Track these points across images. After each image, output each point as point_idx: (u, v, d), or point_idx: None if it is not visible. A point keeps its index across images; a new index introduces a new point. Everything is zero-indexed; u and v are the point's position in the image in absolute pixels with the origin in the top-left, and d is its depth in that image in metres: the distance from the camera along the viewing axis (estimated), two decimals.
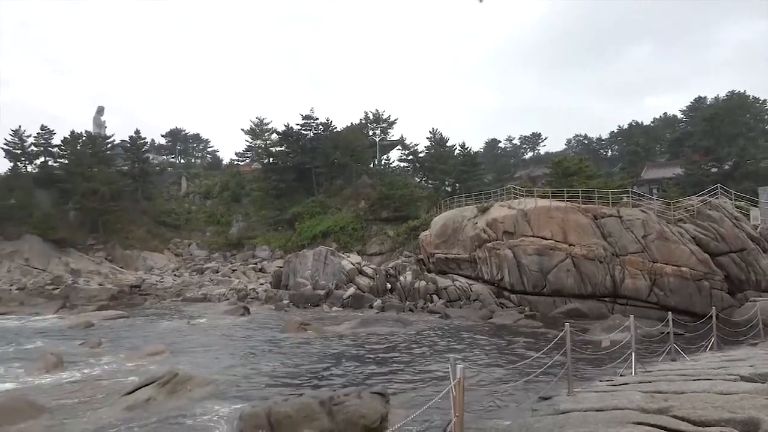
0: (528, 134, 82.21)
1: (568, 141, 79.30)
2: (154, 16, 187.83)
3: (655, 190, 43.73)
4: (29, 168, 54.60)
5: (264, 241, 49.42)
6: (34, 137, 53.63)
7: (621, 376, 9.68)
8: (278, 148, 57.84)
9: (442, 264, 31.76)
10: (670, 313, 12.08)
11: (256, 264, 45.54)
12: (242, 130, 63.19)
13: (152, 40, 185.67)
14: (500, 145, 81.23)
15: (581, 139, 76.42)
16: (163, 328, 21.95)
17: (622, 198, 28.18)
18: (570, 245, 25.44)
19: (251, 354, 15.73)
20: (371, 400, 8.46)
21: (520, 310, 25.46)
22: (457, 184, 49.76)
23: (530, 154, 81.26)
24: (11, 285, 39.65)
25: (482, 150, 73.38)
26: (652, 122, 70.28)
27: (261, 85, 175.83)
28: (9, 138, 52.76)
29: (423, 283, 29.36)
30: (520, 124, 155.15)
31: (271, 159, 57.68)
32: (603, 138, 73.50)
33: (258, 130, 61.75)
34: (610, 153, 72.06)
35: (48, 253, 44.90)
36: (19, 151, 53.42)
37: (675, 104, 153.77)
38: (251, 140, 63.66)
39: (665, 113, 71.75)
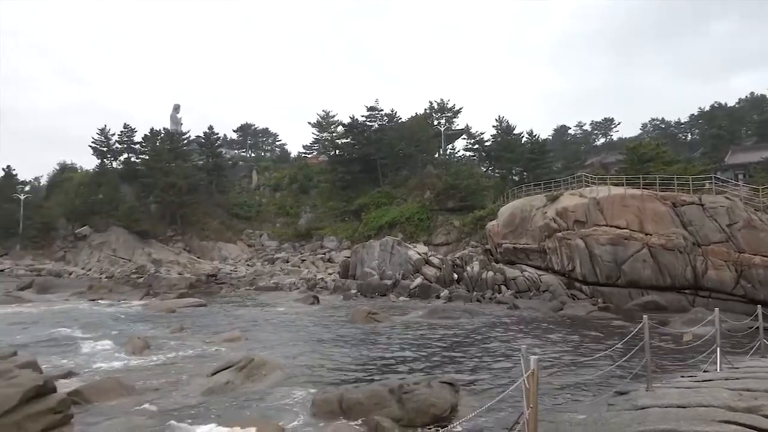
0: (600, 119, 78.81)
1: (644, 125, 75.50)
2: (223, 17, 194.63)
3: (740, 176, 40.92)
4: (114, 164, 58.21)
5: (331, 231, 50.45)
6: (118, 135, 57.11)
7: (704, 372, 9.20)
8: (344, 140, 58.65)
9: (510, 254, 31.23)
10: (759, 306, 11.33)
11: (324, 254, 46.57)
12: (309, 123, 64.62)
13: (222, 40, 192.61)
14: (570, 131, 78.48)
15: (658, 123, 72.57)
16: (239, 316, 22.91)
17: (704, 184, 26.61)
18: (647, 234, 24.33)
19: (321, 341, 16.14)
20: (441, 389, 8.49)
21: (593, 301, 24.68)
22: (524, 173, 48.64)
23: (602, 140, 77.81)
24: (101, 273, 42.77)
25: (551, 137, 71.09)
26: (737, 103, 65.70)
27: (327, 78, 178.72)
28: (96, 137, 56.51)
29: (491, 273, 29.01)
30: (591, 109, 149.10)
31: (337, 151, 58.60)
32: (682, 121, 69.49)
33: (324, 123, 62.82)
34: (690, 137, 68.04)
35: (132, 244, 47.98)
36: (105, 149, 57.18)
37: (764, 83, 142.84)
38: (318, 133, 64.88)
39: (752, 93, 66.92)
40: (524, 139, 52.59)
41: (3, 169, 60.87)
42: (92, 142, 56.70)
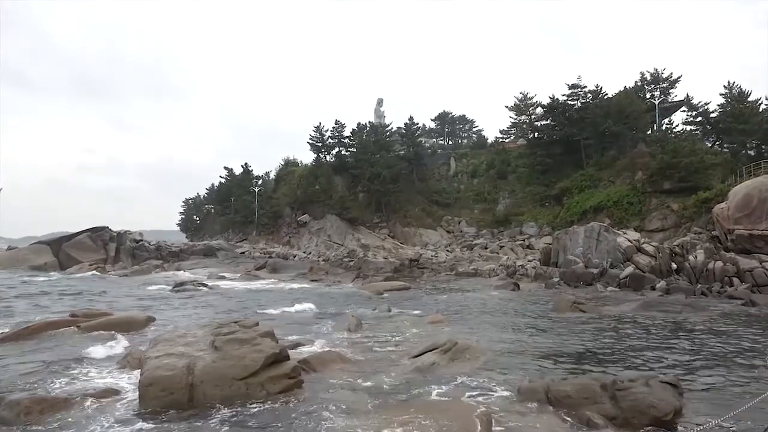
0: None
1: None
2: (417, 15, 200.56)
3: None
4: (328, 158, 64.24)
5: (531, 217, 49.13)
6: (330, 131, 62.86)
7: None
8: (543, 122, 56.40)
9: (745, 242, 26.99)
10: None
11: (523, 241, 45.62)
12: (506, 107, 63.42)
13: (418, 34, 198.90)
14: None
15: None
16: (441, 300, 23.69)
17: None
18: None
19: (524, 329, 15.88)
20: (661, 389, 7.75)
21: None
22: (763, 147, 41.40)
23: None
24: (319, 257, 47.87)
25: None
26: None
27: (523, 60, 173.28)
28: (312, 134, 62.99)
29: (719, 263, 25.45)
30: None
31: (536, 134, 56.66)
32: None
33: (522, 105, 61.12)
34: None
35: (344, 230, 52.76)
36: (320, 144, 63.40)
37: None
38: (515, 116, 63.41)
39: None
40: (763, 107, 44.71)
41: (242, 167, 71.53)
42: (309, 139, 63.32)
